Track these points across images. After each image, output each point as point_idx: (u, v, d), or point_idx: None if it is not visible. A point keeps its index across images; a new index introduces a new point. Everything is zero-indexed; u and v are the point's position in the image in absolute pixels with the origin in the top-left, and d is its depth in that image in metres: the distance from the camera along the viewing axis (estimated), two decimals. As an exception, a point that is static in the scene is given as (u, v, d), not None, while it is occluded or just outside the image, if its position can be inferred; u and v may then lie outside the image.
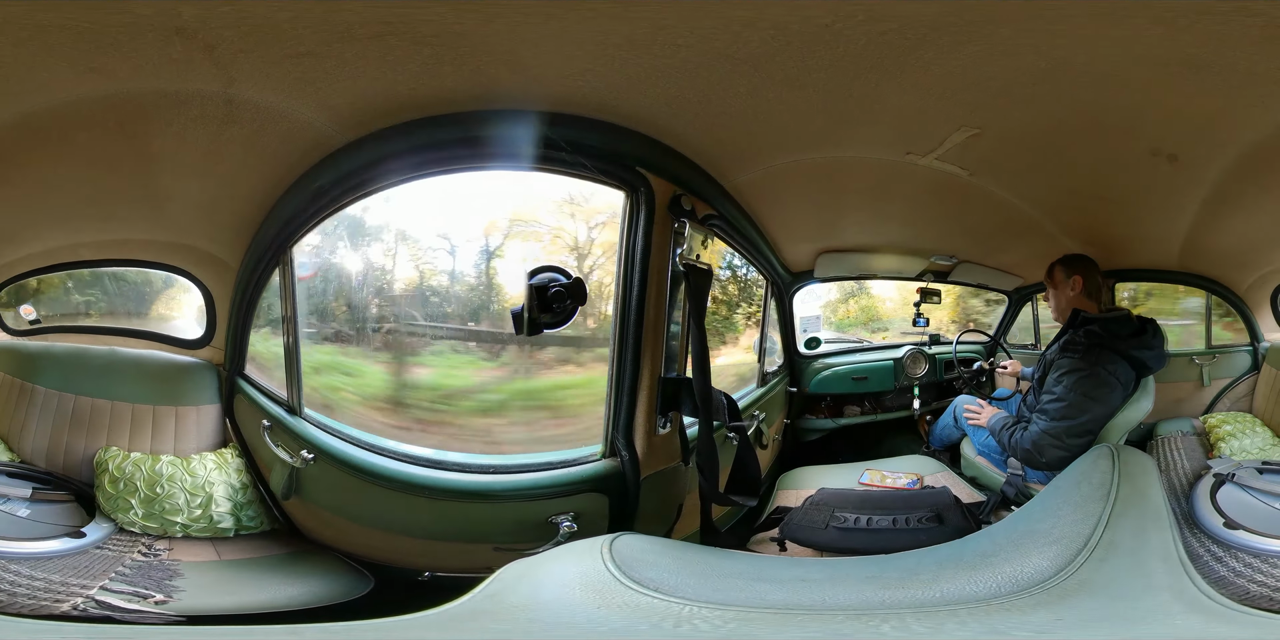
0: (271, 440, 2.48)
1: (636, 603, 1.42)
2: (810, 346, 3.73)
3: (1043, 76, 1.88)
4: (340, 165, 2.13)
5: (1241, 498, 2.41)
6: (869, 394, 3.80)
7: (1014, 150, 2.41)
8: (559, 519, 2.20)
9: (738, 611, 1.41)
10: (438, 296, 2.54)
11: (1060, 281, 2.82)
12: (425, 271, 2.52)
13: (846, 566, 1.78)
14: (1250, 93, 1.88)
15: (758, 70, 1.86)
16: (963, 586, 1.41)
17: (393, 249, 2.49)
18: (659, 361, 2.27)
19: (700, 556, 1.87)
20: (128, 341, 2.81)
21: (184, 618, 2.08)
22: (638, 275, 2.17)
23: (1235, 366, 3.30)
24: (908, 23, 1.68)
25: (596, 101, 2.00)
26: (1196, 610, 1.32)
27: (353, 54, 1.76)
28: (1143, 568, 1.45)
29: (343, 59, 1.78)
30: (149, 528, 2.46)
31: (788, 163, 2.49)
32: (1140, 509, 1.71)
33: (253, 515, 2.60)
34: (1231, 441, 2.90)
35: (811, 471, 3.33)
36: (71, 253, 2.68)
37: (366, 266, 2.51)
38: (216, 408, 2.74)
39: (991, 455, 3.03)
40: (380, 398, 2.51)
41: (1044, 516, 1.78)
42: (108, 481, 2.47)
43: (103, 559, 2.29)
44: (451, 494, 2.23)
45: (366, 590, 2.43)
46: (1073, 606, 1.34)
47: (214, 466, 2.59)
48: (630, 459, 2.23)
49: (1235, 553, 2.18)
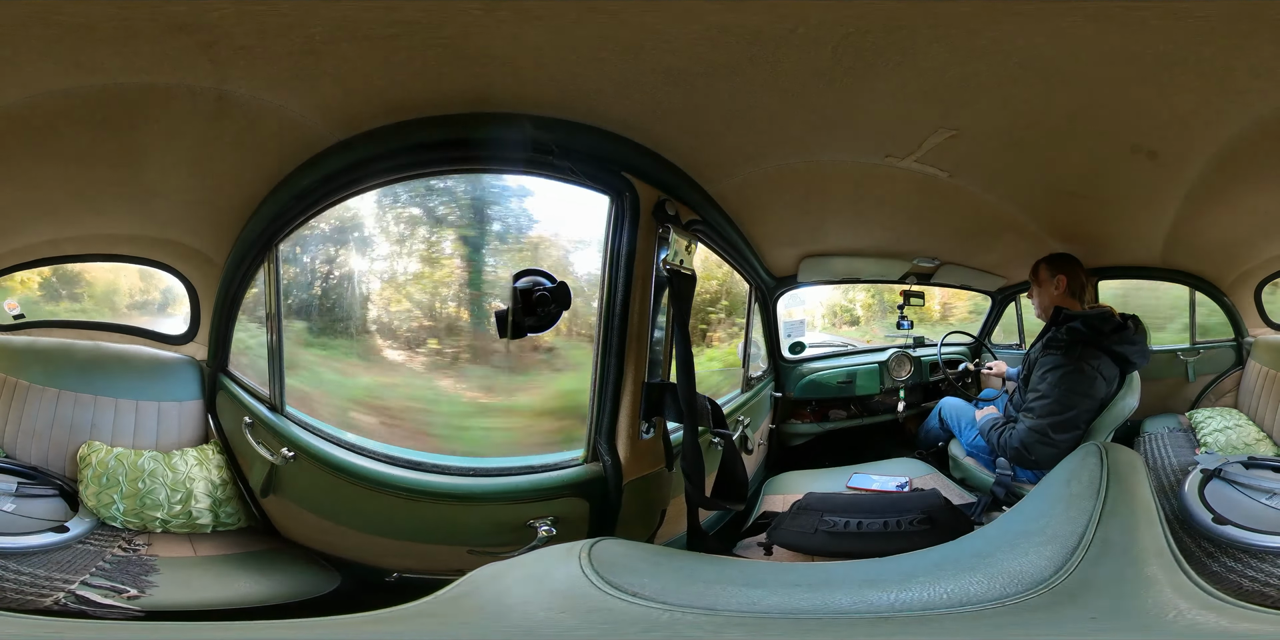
0: (253, 437, 2.48)
1: (613, 607, 1.38)
2: (795, 351, 3.73)
3: (1015, 76, 1.89)
4: (330, 163, 2.12)
5: (1229, 493, 2.43)
6: (855, 397, 3.80)
7: (992, 150, 2.42)
8: (538, 523, 2.18)
9: (727, 617, 1.38)
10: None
11: (1045, 280, 2.84)
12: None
13: (841, 570, 1.75)
14: (1228, 88, 1.89)
15: (737, 75, 1.86)
16: (965, 588, 1.39)
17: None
18: (643, 367, 2.26)
19: (685, 562, 1.84)
20: (112, 336, 2.82)
21: (144, 613, 2.08)
22: (622, 280, 2.16)
23: (1220, 362, 3.34)
24: (864, 26, 1.69)
25: (584, 106, 2.00)
26: (1201, 607, 1.32)
27: (355, 53, 1.75)
28: (1139, 565, 1.44)
29: (343, 58, 1.77)
30: (130, 523, 2.46)
31: (770, 168, 2.49)
32: (1130, 506, 1.70)
33: (231, 512, 2.60)
34: (1218, 436, 2.92)
35: (798, 476, 3.32)
36: (54, 248, 2.68)
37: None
38: (199, 404, 2.75)
39: (980, 456, 3.03)
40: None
41: (1036, 516, 1.77)
42: (91, 476, 2.47)
43: (85, 554, 2.29)
44: (429, 495, 2.22)
45: (331, 589, 2.43)
46: (1085, 606, 1.33)
47: (195, 463, 2.59)
48: (613, 464, 2.22)
49: (1226, 548, 2.19)
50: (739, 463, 2.44)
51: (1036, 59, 1.81)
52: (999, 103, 2.04)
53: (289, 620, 1.66)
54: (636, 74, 1.86)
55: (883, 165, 2.49)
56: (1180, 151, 2.30)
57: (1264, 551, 2.14)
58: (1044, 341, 2.74)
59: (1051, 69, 1.85)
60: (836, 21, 1.67)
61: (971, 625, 1.30)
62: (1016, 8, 1.63)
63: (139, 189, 2.35)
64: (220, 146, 2.13)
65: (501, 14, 1.63)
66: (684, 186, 2.36)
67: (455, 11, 1.63)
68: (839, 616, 1.37)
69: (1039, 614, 1.32)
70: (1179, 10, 1.60)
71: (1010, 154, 2.45)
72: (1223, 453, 2.77)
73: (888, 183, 2.63)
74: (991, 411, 3.07)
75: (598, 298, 2.19)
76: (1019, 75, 1.88)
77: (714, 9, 1.63)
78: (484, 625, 1.41)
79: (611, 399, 2.22)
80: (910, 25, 1.69)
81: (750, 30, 1.69)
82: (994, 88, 1.95)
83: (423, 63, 1.79)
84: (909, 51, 1.78)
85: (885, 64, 1.83)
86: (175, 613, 2.13)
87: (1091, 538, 1.53)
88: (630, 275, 2.17)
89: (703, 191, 2.47)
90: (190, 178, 2.30)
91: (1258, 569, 2.05)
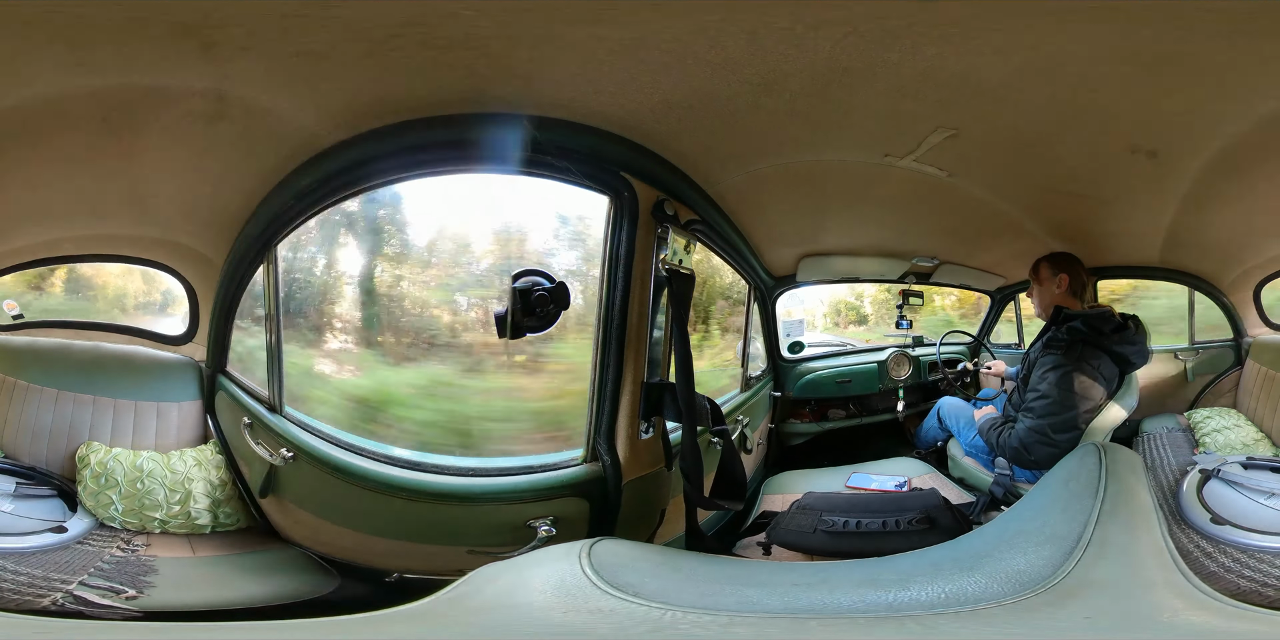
0: (252, 438, 2.47)
1: (613, 607, 1.38)
2: (793, 351, 3.73)
3: (1013, 76, 1.89)
4: (329, 164, 2.12)
5: (1227, 493, 2.42)
6: (853, 397, 3.80)
7: (991, 150, 2.42)
8: (537, 523, 2.18)
9: (729, 617, 1.38)
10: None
11: (1046, 279, 2.83)
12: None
13: (840, 570, 1.75)
14: (1228, 86, 1.89)
15: (735, 75, 1.86)
16: (964, 587, 1.39)
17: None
18: (642, 367, 2.26)
19: (684, 562, 1.84)
20: (111, 337, 2.81)
21: (142, 613, 2.08)
22: (621, 280, 2.16)
23: (1219, 362, 3.33)
24: (861, 27, 1.68)
25: (584, 107, 2.00)
26: (1197, 607, 1.32)
27: (355, 54, 1.75)
28: (1137, 565, 1.44)
29: (345, 60, 1.77)
30: (129, 523, 2.45)
31: (769, 167, 2.49)
32: (1129, 506, 1.71)
33: (230, 512, 2.60)
34: (1216, 437, 2.92)
35: (797, 476, 3.32)
36: (53, 248, 2.67)
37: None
38: (198, 404, 2.74)
39: (979, 455, 3.03)
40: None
41: (1034, 515, 1.77)
42: (90, 476, 2.47)
43: (84, 554, 2.29)
44: (429, 496, 2.21)
45: (330, 590, 2.43)
46: (1083, 606, 1.33)
47: (194, 463, 2.59)
48: (612, 464, 2.22)
49: (1223, 548, 2.19)
50: (738, 462, 2.44)
51: (1036, 58, 1.80)
52: (997, 102, 2.04)
53: (287, 621, 1.66)
54: (634, 73, 1.85)
55: (882, 165, 2.49)
56: (1181, 150, 2.29)
57: (1261, 552, 2.14)
58: (1044, 341, 2.74)
59: (1051, 68, 1.85)
60: (834, 21, 1.67)
61: (971, 625, 1.30)
62: (1014, 7, 1.63)
63: (138, 189, 2.35)
64: (220, 147, 2.13)
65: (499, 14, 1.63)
66: (683, 186, 2.35)
67: (451, 12, 1.62)
68: (840, 616, 1.37)
69: (1038, 614, 1.32)
70: (1179, 9, 1.60)
71: (1009, 153, 2.44)
72: (1221, 453, 2.77)
73: (887, 182, 2.63)
74: (990, 411, 3.07)
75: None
76: (1018, 74, 1.88)
77: (709, 7, 1.63)
78: (484, 625, 1.42)
79: (611, 399, 2.21)
80: (908, 25, 1.68)
81: (746, 29, 1.69)
82: (992, 87, 1.95)
83: (421, 63, 1.78)
84: (908, 51, 1.77)
85: (884, 64, 1.82)
86: (173, 613, 2.12)
87: (1090, 538, 1.54)
88: (629, 275, 2.16)
89: (701, 191, 2.47)
90: (189, 178, 2.30)
91: (1255, 569, 2.05)
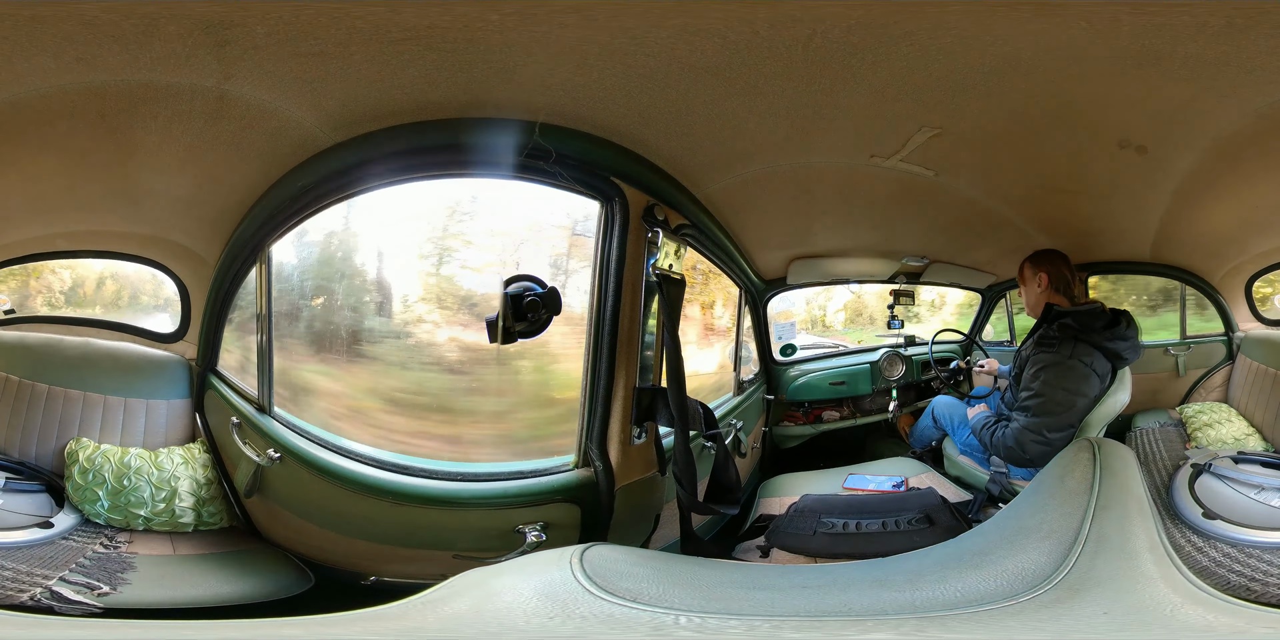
0: (240, 438, 2.47)
1: (608, 613, 1.36)
2: (786, 354, 3.73)
3: (993, 73, 1.89)
4: (325, 166, 2.12)
5: (1219, 488, 2.43)
6: (847, 398, 3.80)
7: (977, 148, 2.42)
8: (527, 528, 2.16)
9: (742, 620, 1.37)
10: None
11: (1029, 278, 2.84)
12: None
13: (847, 571, 1.75)
14: (1220, 82, 1.89)
15: (718, 79, 1.87)
16: (972, 586, 1.39)
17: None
18: (634, 372, 2.25)
19: (684, 566, 1.82)
20: (102, 333, 2.80)
21: (103, 609, 2.06)
22: (612, 285, 2.16)
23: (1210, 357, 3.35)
24: (823, 27, 1.69)
25: (574, 112, 2.00)
26: (1193, 602, 1.32)
27: (363, 56, 1.75)
28: (1134, 560, 1.44)
29: (350, 61, 1.77)
30: (113, 520, 2.45)
31: (756, 170, 2.49)
32: (1123, 502, 1.71)
33: (214, 511, 2.59)
34: (1208, 431, 2.93)
35: (793, 478, 3.31)
36: (47, 243, 2.66)
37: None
38: (187, 402, 2.74)
39: (974, 454, 3.03)
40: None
41: (1032, 512, 1.77)
42: (78, 472, 2.46)
43: (67, 550, 2.29)
44: (415, 499, 2.20)
45: (303, 591, 2.42)
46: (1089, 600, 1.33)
47: (181, 461, 2.57)
48: (604, 469, 2.21)
49: (1214, 543, 2.19)
50: (731, 467, 2.44)
51: (1017, 55, 1.80)
52: (980, 100, 2.04)
53: (250, 620, 1.62)
54: (620, 78, 1.86)
55: (868, 165, 2.49)
56: (1171, 146, 2.30)
57: (1251, 547, 2.14)
58: (1035, 338, 2.74)
59: (1033, 65, 1.84)
60: (793, 21, 1.67)
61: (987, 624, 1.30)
62: (985, 4, 1.63)
63: (133, 186, 2.34)
64: (217, 146, 2.12)
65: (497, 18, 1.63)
66: (672, 191, 2.35)
67: (460, 16, 1.63)
68: (862, 618, 1.37)
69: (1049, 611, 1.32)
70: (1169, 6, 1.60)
71: (996, 151, 2.44)
72: (1213, 447, 2.78)
73: (874, 183, 2.63)
74: (983, 409, 3.07)
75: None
76: (1000, 71, 1.88)
77: (675, 11, 1.63)
78: (461, 630, 1.39)
79: (603, 404, 2.21)
80: (871, 23, 1.68)
81: (716, 32, 1.69)
82: (974, 85, 1.95)
83: (422, 67, 1.79)
84: (880, 50, 1.77)
85: (860, 63, 1.82)
86: (140, 610, 2.11)
87: (1088, 533, 1.54)
88: (620, 280, 2.16)
89: (691, 196, 2.47)
90: (185, 176, 2.29)
91: (1244, 564, 2.05)
